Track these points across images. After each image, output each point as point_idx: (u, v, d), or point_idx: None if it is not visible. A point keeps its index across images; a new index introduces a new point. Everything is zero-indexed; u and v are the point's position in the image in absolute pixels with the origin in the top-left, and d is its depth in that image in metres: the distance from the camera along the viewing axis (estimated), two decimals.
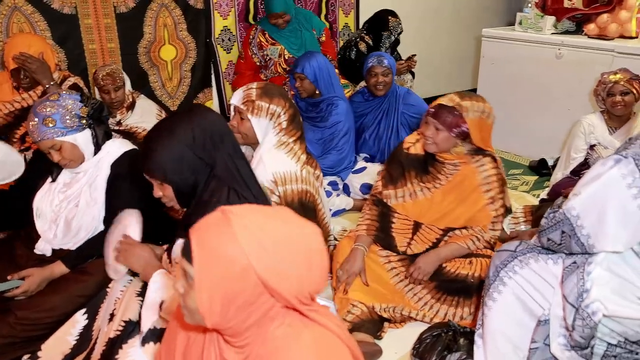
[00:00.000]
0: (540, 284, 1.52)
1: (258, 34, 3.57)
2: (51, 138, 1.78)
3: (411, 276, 2.04)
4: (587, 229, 1.42)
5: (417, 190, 2.14)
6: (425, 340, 1.87)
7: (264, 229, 0.91)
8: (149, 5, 3.39)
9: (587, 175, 1.47)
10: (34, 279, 1.78)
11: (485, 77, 4.15)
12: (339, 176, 3.10)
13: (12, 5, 2.92)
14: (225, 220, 0.91)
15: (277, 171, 2.06)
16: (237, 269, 0.89)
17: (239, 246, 0.88)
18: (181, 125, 1.48)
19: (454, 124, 1.95)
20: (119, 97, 2.85)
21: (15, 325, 1.69)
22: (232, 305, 0.91)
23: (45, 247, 1.93)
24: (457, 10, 5.28)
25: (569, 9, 3.67)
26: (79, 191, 1.91)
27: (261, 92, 2.08)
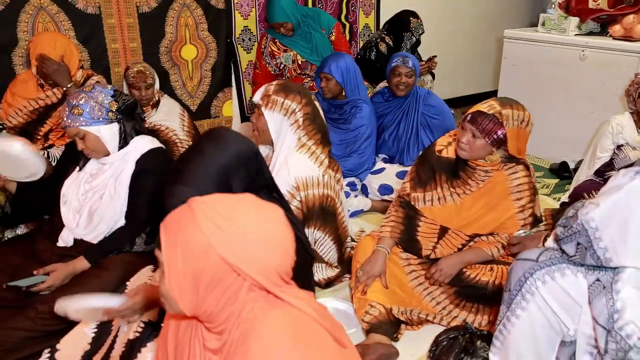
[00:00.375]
0: (567, 301, 1.44)
1: (269, 43, 3.57)
2: (76, 126, 1.85)
3: (432, 277, 2.02)
4: (605, 242, 1.36)
5: (446, 195, 2.09)
6: (442, 343, 1.86)
7: (222, 211, 0.96)
8: (171, 5, 3.43)
9: (607, 185, 1.42)
10: (58, 274, 1.83)
11: (507, 78, 4.11)
12: (357, 177, 3.09)
13: (38, 5, 2.98)
14: (188, 207, 0.98)
15: (299, 176, 2.06)
16: (198, 248, 0.94)
17: (198, 227, 0.94)
18: (213, 149, 1.48)
19: (493, 133, 1.88)
20: (148, 95, 2.89)
21: (36, 319, 1.73)
22: (200, 285, 0.95)
23: (68, 238, 1.97)
24: (479, 11, 5.23)
25: (593, 10, 3.61)
26: (104, 183, 1.96)
27: (279, 88, 2.08)
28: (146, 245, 1.98)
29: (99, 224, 1.95)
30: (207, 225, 0.94)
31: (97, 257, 1.90)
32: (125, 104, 1.94)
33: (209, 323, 1.01)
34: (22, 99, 2.67)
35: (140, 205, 1.93)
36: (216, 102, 3.86)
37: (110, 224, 1.95)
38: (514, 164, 2.01)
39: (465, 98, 5.21)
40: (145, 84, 2.85)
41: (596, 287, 1.40)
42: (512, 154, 1.97)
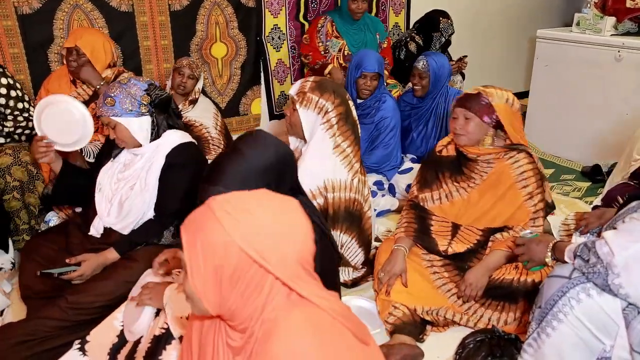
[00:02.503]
0: (603, 319, 1.39)
1: (327, 23, 3.59)
2: (107, 116, 1.91)
3: (464, 294, 1.99)
4: (625, 289, 1.33)
5: (452, 190, 2.12)
6: (469, 346, 1.84)
7: (239, 205, 0.97)
8: (202, 3, 3.47)
9: (628, 225, 1.37)
10: (90, 264, 1.89)
11: (539, 79, 4.03)
12: (385, 176, 3.08)
13: (74, 3, 3.04)
14: (206, 206, 0.99)
15: (329, 178, 2.08)
16: (218, 243, 0.94)
17: (216, 222, 0.95)
18: (254, 153, 1.50)
19: (483, 109, 1.96)
20: (188, 85, 3.01)
21: (67, 309, 1.77)
22: (222, 280, 0.95)
23: (99, 226, 2.03)
24: (511, 10, 5.15)
25: (631, 9, 3.51)
26: (135, 174, 2.00)
27: (315, 85, 2.09)
28: (173, 239, 2.01)
29: (128, 215, 1.98)
30: (225, 218, 0.95)
31: (126, 248, 1.95)
32: (158, 98, 1.98)
33: (232, 321, 1.02)
34: None
35: (169, 198, 1.97)
36: (245, 100, 3.88)
37: (139, 214, 1.99)
38: (515, 153, 2.02)
39: None
40: (190, 73, 2.99)
41: (631, 311, 1.36)
42: (511, 139, 2.00)
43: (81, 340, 1.74)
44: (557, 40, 3.87)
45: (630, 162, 2.82)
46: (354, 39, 3.61)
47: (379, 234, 2.67)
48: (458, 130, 2.02)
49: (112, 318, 1.75)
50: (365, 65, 2.98)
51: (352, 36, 3.60)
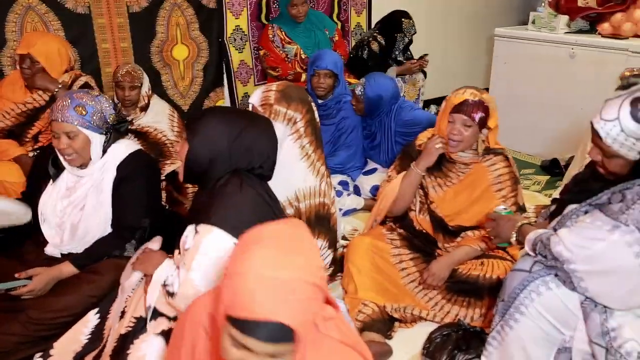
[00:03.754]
0: (563, 311, 1.43)
1: (276, 31, 3.57)
2: (74, 124, 1.80)
3: (425, 282, 2.03)
4: (586, 283, 1.36)
5: (428, 186, 2.14)
6: (436, 340, 1.87)
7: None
8: (162, 5, 3.41)
9: (583, 230, 1.39)
10: (41, 278, 1.78)
11: (498, 76, 4.13)
12: (350, 176, 3.10)
13: (27, 4, 2.95)
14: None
15: (299, 187, 2.09)
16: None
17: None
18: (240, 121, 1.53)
19: (483, 118, 1.96)
20: (132, 96, 2.83)
21: (28, 324, 1.70)
22: None
23: (54, 251, 1.94)
24: (470, 9, 5.25)
25: (582, 8, 3.63)
26: (84, 195, 1.91)
27: (280, 96, 2.05)
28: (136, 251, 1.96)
29: (85, 236, 1.91)
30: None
31: (84, 262, 1.85)
32: (120, 123, 1.95)
33: None
34: (9, 102, 2.63)
35: (127, 211, 1.90)
36: (208, 102, 3.84)
37: (97, 234, 1.91)
38: (492, 156, 2.05)
39: None
40: (131, 85, 2.80)
41: (589, 304, 1.40)
42: (489, 142, 2.04)
43: (43, 353, 1.69)
44: (514, 38, 3.96)
45: (585, 155, 2.92)
46: (306, 41, 3.59)
47: (346, 233, 2.69)
48: (456, 137, 1.98)
49: (77, 332, 1.72)
50: (317, 63, 3.00)
51: (303, 39, 3.59)
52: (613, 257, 1.32)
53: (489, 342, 1.60)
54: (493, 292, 1.92)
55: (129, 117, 2.91)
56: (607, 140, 1.37)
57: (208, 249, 1.39)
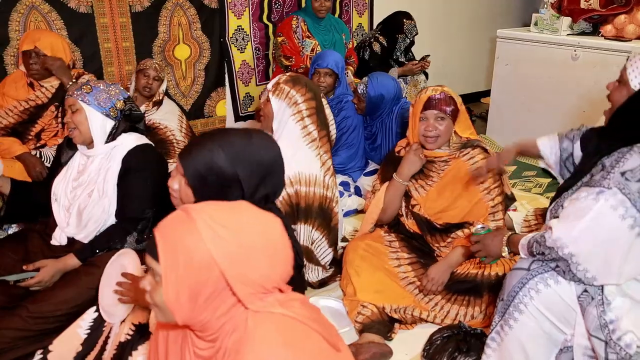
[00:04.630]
0: (562, 308, 1.43)
1: (300, 22, 3.58)
2: (76, 98, 1.89)
3: (425, 288, 2.03)
4: (584, 265, 1.36)
5: (411, 189, 2.15)
6: (436, 342, 1.86)
7: (224, 221, 0.94)
8: (164, 5, 3.42)
9: (569, 207, 1.42)
10: (48, 270, 1.82)
11: (500, 78, 4.12)
12: (350, 176, 3.10)
13: (30, 4, 2.96)
14: (186, 215, 0.95)
15: (302, 171, 2.09)
16: (200, 260, 0.91)
17: (200, 238, 0.91)
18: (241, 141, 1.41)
19: (454, 111, 2.01)
20: (153, 87, 2.99)
21: (28, 318, 1.71)
22: (199, 297, 0.93)
23: (61, 237, 1.97)
24: (472, 11, 5.25)
25: (585, 10, 3.63)
26: (91, 179, 1.95)
27: (289, 78, 2.14)
28: (137, 244, 1.97)
29: (87, 223, 1.93)
30: (210, 236, 0.92)
31: (87, 255, 1.88)
32: (131, 111, 1.97)
33: (201, 332, 1.00)
34: (12, 100, 2.65)
35: (129, 203, 1.92)
36: (210, 102, 3.85)
37: (99, 222, 1.94)
38: (469, 150, 2.07)
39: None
40: (155, 75, 2.98)
41: (585, 298, 1.40)
42: (463, 136, 2.07)
43: (43, 350, 1.69)
44: (516, 40, 3.96)
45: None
46: (324, 38, 3.63)
47: (346, 234, 2.69)
48: (432, 132, 2.02)
49: (75, 326, 1.71)
50: (319, 62, 3.03)
51: (322, 36, 3.62)
52: (602, 225, 1.33)
53: (488, 343, 1.59)
54: (492, 289, 1.93)
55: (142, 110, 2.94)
56: (629, 65, 1.59)
57: None
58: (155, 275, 0.96)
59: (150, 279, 0.98)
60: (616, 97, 1.60)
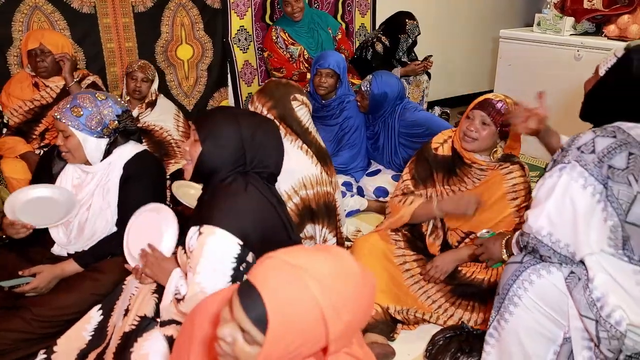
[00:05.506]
0: (556, 297, 1.44)
1: (279, 32, 3.57)
2: (67, 125, 1.82)
3: (427, 274, 2.02)
4: (563, 240, 1.42)
5: (443, 193, 2.11)
6: (438, 342, 1.87)
7: (322, 271, 0.90)
8: (167, 5, 3.42)
9: (538, 193, 1.49)
10: (44, 276, 1.79)
11: (502, 78, 4.12)
12: (353, 177, 3.10)
13: (33, 4, 2.97)
14: (297, 278, 0.88)
15: (305, 175, 2.11)
16: (313, 325, 0.88)
17: (311, 296, 0.87)
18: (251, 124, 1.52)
19: (503, 119, 1.94)
20: (143, 89, 2.94)
21: (31, 321, 1.71)
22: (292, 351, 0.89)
23: (61, 251, 1.95)
24: (475, 11, 5.24)
25: (588, 10, 3.62)
26: (90, 194, 1.92)
27: (260, 88, 2.21)
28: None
29: (92, 236, 1.91)
30: (320, 291, 0.88)
31: (89, 260, 1.86)
32: (125, 128, 1.93)
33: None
34: (17, 100, 2.66)
35: (131, 210, 1.88)
36: (212, 102, 3.85)
37: (105, 233, 1.92)
38: (509, 164, 2.02)
39: (461, 98, 5.22)
40: (143, 76, 2.91)
41: (572, 279, 1.42)
42: (507, 150, 2.02)
43: (46, 349, 1.70)
44: (519, 40, 3.95)
45: None
46: (309, 42, 3.59)
47: (349, 234, 2.69)
48: (473, 134, 1.97)
49: (80, 329, 1.72)
50: (320, 63, 3.02)
51: (305, 39, 3.59)
52: (569, 197, 1.40)
53: (487, 340, 1.60)
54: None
55: (135, 113, 2.94)
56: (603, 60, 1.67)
57: (212, 250, 1.39)
58: (246, 334, 0.89)
59: (236, 332, 0.91)
60: (587, 86, 1.73)
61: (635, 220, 1.37)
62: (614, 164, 1.37)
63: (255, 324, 0.88)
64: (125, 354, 1.49)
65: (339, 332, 0.89)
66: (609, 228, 1.38)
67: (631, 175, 1.37)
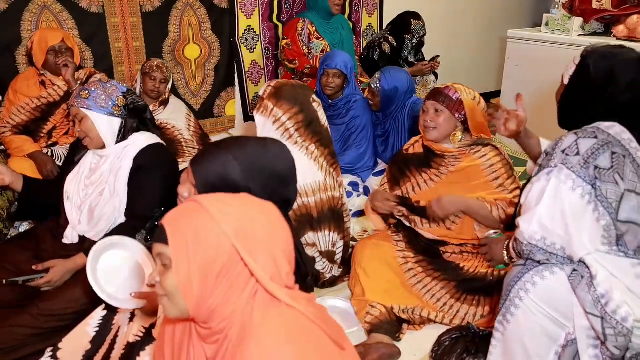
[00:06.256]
0: (559, 298, 1.43)
1: (307, 25, 3.56)
2: (77, 106, 1.91)
3: (430, 208, 2.02)
4: (559, 243, 1.41)
5: (420, 182, 2.16)
6: (445, 343, 1.86)
7: (230, 202, 1.00)
8: (175, 5, 3.43)
9: (527, 198, 1.48)
10: (58, 270, 1.83)
11: (510, 78, 4.10)
12: (360, 176, 3.09)
13: (42, 4, 2.98)
14: (194, 202, 1.00)
15: (307, 182, 2.07)
16: (210, 236, 0.94)
17: (210, 217, 0.95)
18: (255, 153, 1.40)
19: (453, 103, 2.03)
20: (161, 89, 2.99)
21: (38, 316, 1.73)
22: (210, 275, 0.94)
23: (73, 235, 1.98)
24: (483, 11, 5.22)
25: (597, 10, 3.60)
26: (103, 178, 1.96)
27: (272, 92, 2.07)
28: (146, 242, 1.98)
29: (99, 222, 1.95)
30: (218, 213, 0.95)
31: None
32: (134, 104, 1.97)
33: (208, 323, 1.00)
34: (24, 97, 2.68)
35: (139, 201, 1.93)
36: (219, 102, 3.86)
37: (110, 221, 1.95)
38: (480, 147, 2.07)
39: None
40: (162, 77, 2.96)
41: (575, 277, 1.41)
42: (475, 134, 2.08)
43: (53, 347, 1.71)
44: (527, 40, 3.94)
45: None
46: (332, 38, 3.62)
47: (355, 234, 2.68)
48: (429, 122, 2.07)
49: (84, 324, 1.72)
50: (327, 63, 3.02)
51: (330, 36, 3.61)
52: (559, 200, 1.40)
53: (492, 342, 1.59)
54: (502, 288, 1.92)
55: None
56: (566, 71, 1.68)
57: None
58: (165, 258, 0.97)
59: (160, 268, 0.99)
60: (557, 96, 1.77)
61: (626, 218, 1.38)
62: (599, 164, 1.39)
63: (163, 242, 0.97)
64: None
65: (246, 245, 0.95)
66: (602, 227, 1.39)
67: (617, 174, 1.39)
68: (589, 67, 1.60)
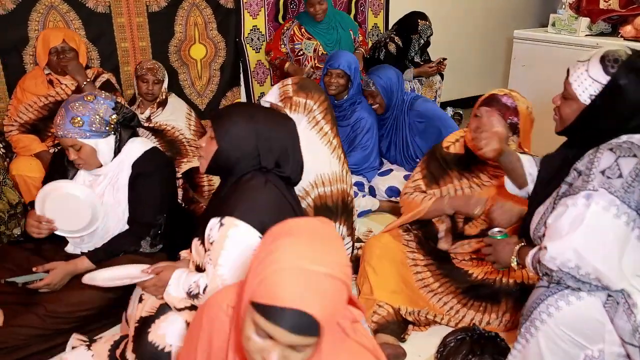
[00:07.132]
0: (587, 324, 1.36)
1: (294, 26, 3.59)
2: (74, 137, 1.80)
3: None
4: (593, 274, 1.32)
5: (464, 187, 2.08)
6: (450, 344, 1.85)
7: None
8: (181, 5, 3.44)
9: (559, 222, 1.37)
10: (57, 273, 1.81)
11: (516, 79, 4.08)
12: (365, 177, 3.09)
13: (49, 4, 3.00)
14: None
15: (324, 172, 2.09)
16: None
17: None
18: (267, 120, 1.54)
19: (509, 112, 1.91)
20: (155, 91, 2.91)
21: (45, 317, 1.73)
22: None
23: (75, 250, 1.97)
24: (489, 11, 5.21)
25: (604, 10, 3.58)
26: (101, 193, 1.93)
27: (297, 88, 2.12)
28: (152, 248, 1.98)
29: (105, 235, 1.93)
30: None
31: (100, 257, 1.87)
32: (124, 117, 1.92)
33: None
34: (32, 95, 2.69)
35: (142, 208, 1.92)
36: (225, 102, 3.86)
37: (116, 231, 1.94)
38: None
39: (474, 99, 5.15)
40: (154, 79, 2.89)
41: (612, 304, 1.34)
42: (522, 146, 1.98)
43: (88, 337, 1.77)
44: (533, 40, 3.92)
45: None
46: (327, 38, 3.61)
47: (360, 235, 2.68)
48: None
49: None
50: (331, 63, 3.03)
51: (324, 36, 3.60)
52: (599, 228, 1.30)
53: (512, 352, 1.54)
54: (510, 296, 1.91)
55: (147, 113, 2.95)
56: (571, 78, 1.52)
57: (234, 243, 1.39)
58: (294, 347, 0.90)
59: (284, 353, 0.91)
60: (566, 111, 1.57)
61: None
62: None
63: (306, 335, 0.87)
64: (142, 335, 1.51)
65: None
66: None
67: None
68: (622, 89, 1.40)
